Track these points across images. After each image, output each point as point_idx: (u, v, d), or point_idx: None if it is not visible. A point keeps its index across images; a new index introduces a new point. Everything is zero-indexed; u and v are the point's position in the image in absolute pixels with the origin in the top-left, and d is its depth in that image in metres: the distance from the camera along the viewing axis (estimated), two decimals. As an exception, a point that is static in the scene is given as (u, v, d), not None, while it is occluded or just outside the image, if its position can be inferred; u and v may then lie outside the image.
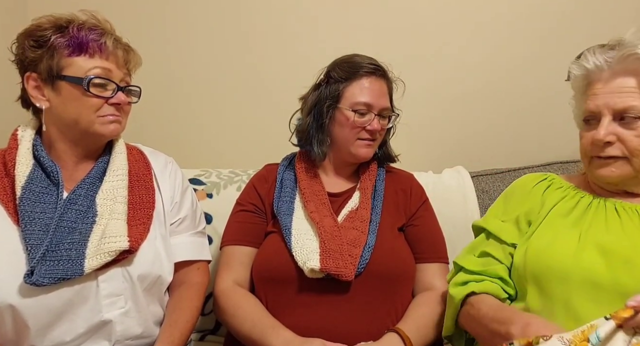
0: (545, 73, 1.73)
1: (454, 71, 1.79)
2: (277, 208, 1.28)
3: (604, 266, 0.95)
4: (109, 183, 1.11)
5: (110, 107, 1.08)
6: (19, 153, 1.06)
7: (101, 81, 1.06)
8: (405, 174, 1.43)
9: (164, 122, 1.86)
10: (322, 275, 1.14)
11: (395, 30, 1.78)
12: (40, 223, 1.00)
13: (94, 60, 1.06)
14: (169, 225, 1.20)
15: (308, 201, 1.27)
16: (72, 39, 1.04)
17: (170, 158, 1.30)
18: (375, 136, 1.30)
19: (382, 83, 1.31)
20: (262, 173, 1.41)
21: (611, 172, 1.02)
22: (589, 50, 1.05)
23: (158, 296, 1.15)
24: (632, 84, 0.99)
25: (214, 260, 1.37)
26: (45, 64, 1.04)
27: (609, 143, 1.00)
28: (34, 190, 1.03)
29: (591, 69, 1.04)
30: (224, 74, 1.85)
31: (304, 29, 1.81)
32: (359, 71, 1.28)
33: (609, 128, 1.00)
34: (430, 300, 1.20)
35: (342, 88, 1.29)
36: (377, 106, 1.28)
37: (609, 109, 1.00)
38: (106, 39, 1.07)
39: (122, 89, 1.10)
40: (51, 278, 0.95)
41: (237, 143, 1.87)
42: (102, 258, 1.00)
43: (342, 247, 1.16)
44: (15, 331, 0.98)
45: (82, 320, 1.02)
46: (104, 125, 1.08)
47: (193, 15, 1.82)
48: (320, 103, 1.31)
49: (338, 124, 1.30)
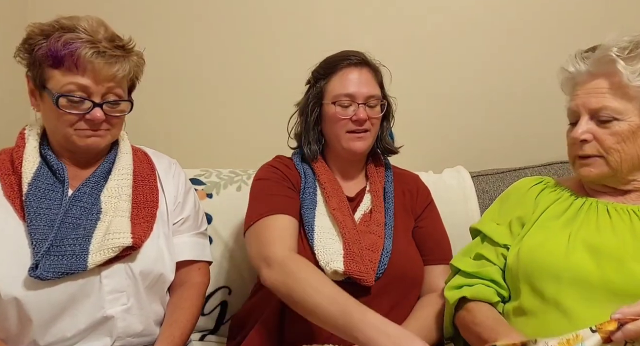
0: (546, 73, 1.71)
1: (454, 71, 1.80)
2: (302, 200, 1.24)
3: (594, 265, 0.97)
4: (114, 181, 1.12)
5: (87, 122, 1.05)
6: (25, 151, 1.08)
7: (73, 98, 1.02)
8: (412, 175, 1.43)
9: (164, 122, 1.86)
10: (343, 278, 1.12)
11: (395, 30, 1.78)
12: (45, 219, 1.02)
13: (69, 75, 1.02)
14: (171, 224, 1.21)
15: (330, 196, 1.24)
16: (50, 51, 1.01)
17: (173, 160, 1.31)
18: (364, 126, 1.25)
19: (364, 71, 1.27)
20: (279, 160, 1.34)
21: (589, 171, 1.06)
22: (571, 55, 1.09)
23: (160, 294, 1.16)
24: (605, 85, 1.03)
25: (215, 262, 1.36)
26: (33, 72, 1.05)
27: (585, 141, 1.04)
28: (40, 187, 1.04)
29: (573, 73, 1.08)
30: (224, 74, 1.85)
31: (304, 29, 1.81)
32: (338, 65, 1.27)
33: (586, 127, 1.04)
34: (435, 302, 1.20)
35: (324, 85, 1.28)
36: (360, 95, 1.24)
37: (585, 109, 1.04)
38: (83, 52, 1.00)
39: (101, 105, 1.05)
40: (55, 273, 0.97)
41: (237, 143, 1.87)
42: (106, 254, 1.02)
43: (362, 251, 1.15)
44: (18, 325, 1.00)
45: (84, 315, 1.03)
46: (81, 139, 1.06)
47: (193, 14, 1.82)
48: (307, 105, 1.31)
49: (326, 121, 1.29)
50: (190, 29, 1.83)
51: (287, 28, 1.81)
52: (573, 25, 1.73)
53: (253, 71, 1.84)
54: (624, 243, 0.98)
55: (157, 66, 1.80)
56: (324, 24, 1.80)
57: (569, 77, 1.10)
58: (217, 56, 1.84)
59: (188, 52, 1.84)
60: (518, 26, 1.76)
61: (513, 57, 1.77)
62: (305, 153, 1.31)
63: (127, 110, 1.12)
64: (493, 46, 1.78)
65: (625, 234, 0.99)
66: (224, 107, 1.87)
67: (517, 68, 1.78)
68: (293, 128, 1.38)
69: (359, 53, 1.29)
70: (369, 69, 1.29)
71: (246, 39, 1.83)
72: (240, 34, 1.83)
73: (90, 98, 1.04)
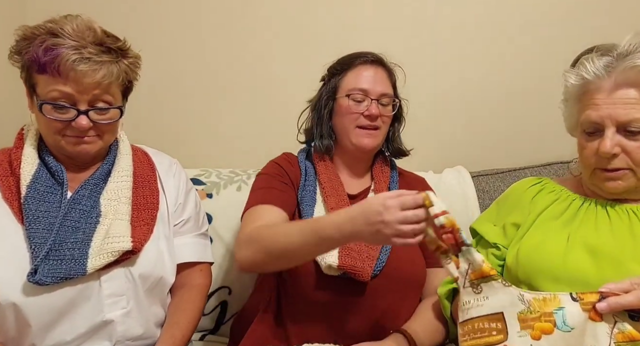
0: (546, 73, 1.72)
1: (454, 71, 1.79)
2: (301, 197, 1.26)
3: (592, 266, 0.97)
4: (113, 183, 1.11)
5: (74, 129, 1.02)
6: (24, 153, 1.07)
7: (56, 106, 1.00)
8: (418, 177, 1.44)
9: (164, 121, 1.86)
10: (339, 272, 1.13)
11: (395, 30, 1.78)
12: (44, 223, 1.00)
13: (51, 83, 0.99)
14: (172, 226, 1.20)
15: (328, 195, 1.25)
16: (33, 57, 0.98)
17: (174, 160, 1.30)
18: (375, 122, 1.27)
19: (379, 70, 1.30)
20: (283, 157, 1.37)
21: (618, 184, 1.02)
22: (587, 58, 1.03)
23: (160, 297, 1.15)
24: (633, 95, 0.98)
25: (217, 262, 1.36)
26: (24, 75, 1.04)
27: (615, 155, 0.99)
28: (39, 189, 1.03)
29: (590, 80, 1.02)
30: (224, 74, 1.85)
31: (306, 29, 1.80)
32: (355, 62, 1.30)
33: (615, 139, 0.99)
34: (437, 305, 1.19)
35: (339, 80, 1.30)
36: (374, 91, 1.27)
37: (612, 121, 0.99)
38: (63, 61, 0.96)
39: (87, 112, 1.01)
40: (54, 278, 0.96)
41: (237, 143, 1.86)
42: (105, 258, 1.01)
43: (360, 247, 1.16)
44: (17, 329, 0.99)
45: (83, 319, 1.02)
46: (70, 146, 1.05)
47: (194, 14, 1.81)
48: (320, 99, 1.32)
49: (338, 115, 1.30)
50: (192, 28, 1.82)
51: (288, 28, 1.81)
52: (573, 25, 1.72)
53: (254, 71, 1.83)
54: (623, 244, 0.97)
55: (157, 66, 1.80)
56: (325, 25, 1.80)
57: (582, 83, 1.04)
58: (217, 56, 1.84)
59: (189, 51, 1.83)
60: (518, 26, 1.75)
61: (513, 57, 1.77)
62: (316, 146, 1.33)
63: (116, 118, 1.08)
64: (493, 46, 1.77)
65: (624, 234, 0.99)
66: (225, 107, 1.86)
67: (517, 68, 1.77)
68: (304, 123, 1.39)
69: (375, 53, 1.32)
70: (384, 68, 1.32)
71: (247, 39, 1.82)
72: (242, 34, 1.82)
73: (74, 106, 1.01)
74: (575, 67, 1.07)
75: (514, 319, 0.85)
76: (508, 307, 0.86)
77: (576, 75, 1.05)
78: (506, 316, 0.85)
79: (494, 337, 0.85)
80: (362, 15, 1.79)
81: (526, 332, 0.83)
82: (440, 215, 0.86)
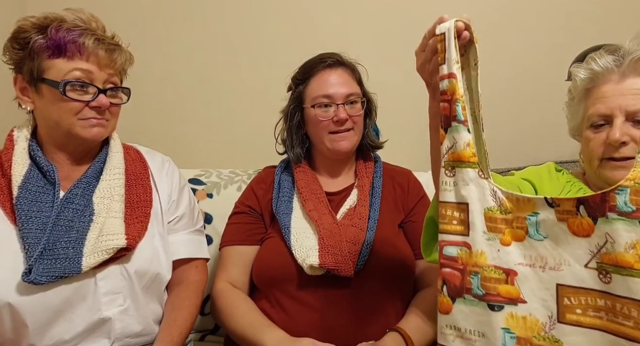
0: (546, 73, 1.72)
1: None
2: (276, 208, 1.28)
3: None
4: (105, 181, 1.11)
5: (92, 110, 1.06)
6: (15, 154, 1.07)
7: (79, 84, 1.03)
8: (403, 170, 1.43)
9: (164, 122, 1.87)
10: (322, 271, 1.14)
11: (395, 30, 1.77)
12: (37, 222, 1.00)
13: (73, 62, 1.03)
14: (166, 223, 1.20)
15: (306, 200, 1.27)
16: (51, 41, 1.02)
17: (167, 158, 1.30)
18: (346, 125, 1.28)
19: (340, 71, 1.30)
20: (261, 175, 1.42)
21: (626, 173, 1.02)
22: (595, 54, 1.05)
23: (157, 294, 1.15)
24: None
25: (213, 260, 1.37)
26: (27, 66, 1.04)
27: (624, 143, 1.00)
28: (31, 189, 1.03)
29: (599, 72, 1.04)
30: (224, 74, 1.85)
31: (303, 30, 1.81)
32: (314, 68, 1.31)
33: (623, 128, 1.00)
34: (429, 297, 1.20)
35: (303, 89, 1.32)
36: (339, 95, 1.27)
37: (621, 110, 1.00)
38: (85, 39, 1.03)
39: (105, 91, 1.07)
40: (49, 277, 0.96)
41: (237, 143, 1.87)
42: (100, 256, 1.01)
43: (341, 244, 1.17)
44: (13, 330, 0.99)
45: (81, 318, 1.02)
46: (86, 129, 1.06)
47: (192, 14, 1.82)
48: (288, 110, 1.34)
49: (309, 125, 1.32)
50: (191, 29, 1.83)
51: (287, 29, 1.82)
52: (573, 26, 1.72)
53: (253, 71, 1.84)
54: None
55: (157, 66, 1.81)
56: (323, 25, 1.80)
57: (591, 77, 1.06)
58: (217, 56, 1.84)
59: (188, 52, 1.84)
60: (518, 26, 1.75)
61: (513, 57, 1.77)
62: (290, 156, 1.35)
63: (125, 99, 1.13)
64: (493, 46, 1.76)
65: None
66: (225, 107, 1.87)
67: (517, 68, 1.77)
68: (279, 135, 1.40)
69: (334, 54, 1.32)
70: (345, 68, 1.32)
71: (246, 39, 1.83)
72: (241, 34, 1.83)
73: (94, 84, 1.05)
74: (584, 62, 1.08)
75: (479, 214, 0.79)
76: (475, 200, 0.79)
77: (585, 69, 1.07)
78: (471, 208, 0.79)
79: (453, 226, 0.80)
80: (360, 15, 1.79)
81: (495, 236, 0.77)
82: (445, 77, 0.81)
